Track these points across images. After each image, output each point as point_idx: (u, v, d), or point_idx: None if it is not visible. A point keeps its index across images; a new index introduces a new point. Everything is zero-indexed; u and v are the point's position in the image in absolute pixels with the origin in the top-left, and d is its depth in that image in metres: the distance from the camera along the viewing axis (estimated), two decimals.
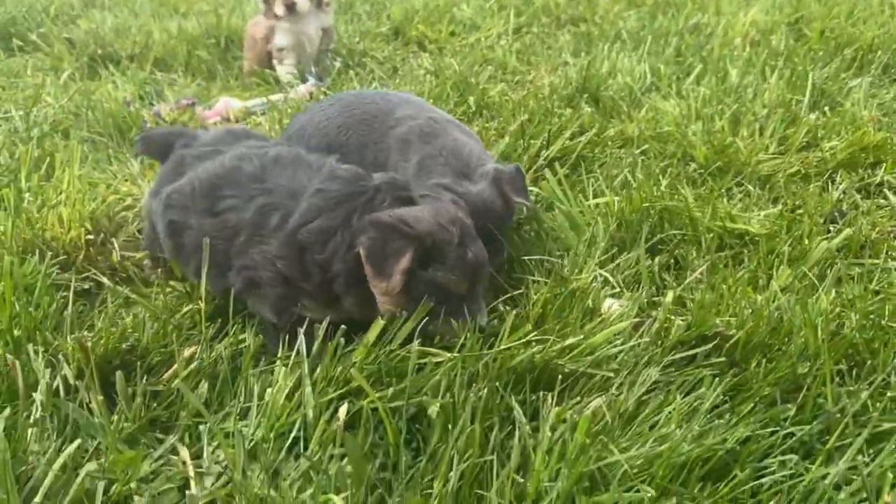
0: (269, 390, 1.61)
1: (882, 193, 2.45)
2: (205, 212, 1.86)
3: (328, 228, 1.71)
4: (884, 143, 2.58)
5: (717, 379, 1.61)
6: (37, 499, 1.45)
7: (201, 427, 1.65)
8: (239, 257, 1.82)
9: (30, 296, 2.06)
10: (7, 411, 1.61)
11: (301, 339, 1.72)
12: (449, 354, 1.58)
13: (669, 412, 1.52)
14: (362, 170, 1.86)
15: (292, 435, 1.61)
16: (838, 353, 1.64)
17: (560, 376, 1.61)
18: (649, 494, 1.32)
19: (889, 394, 1.50)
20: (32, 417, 1.65)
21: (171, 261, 2.07)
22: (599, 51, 3.90)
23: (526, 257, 2.14)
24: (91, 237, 2.48)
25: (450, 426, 1.46)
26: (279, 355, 1.76)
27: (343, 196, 1.75)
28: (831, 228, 2.19)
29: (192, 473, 1.55)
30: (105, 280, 2.29)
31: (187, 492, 1.46)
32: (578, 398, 1.56)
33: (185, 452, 1.63)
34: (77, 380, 1.73)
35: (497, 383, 1.55)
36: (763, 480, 1.41)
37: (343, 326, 1.69)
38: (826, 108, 3.12)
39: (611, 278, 2.00)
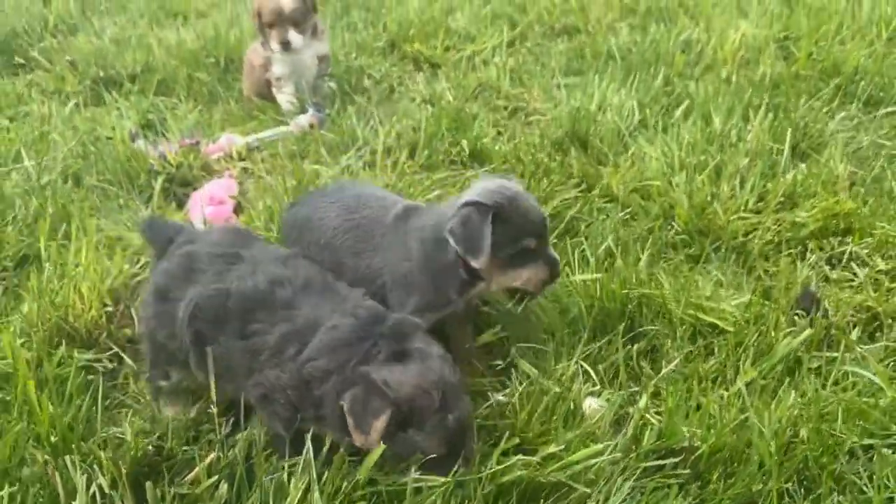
0: None
1: (850, 267, 2.61)
2: (236, 334, 1.97)
3: (328, 370, 1.83)
4: (854, 211, 2.73)
5: (683, 490, 1.81)
6: None
7: None
8: (258, 374, 1.95)
9: (62, 386, 2.25)
10: None
11: (308, 446, 1.91)
12: (443, 479, 1.77)
13: None
14: (382, 309, 1.98)
15: None
16: (790, 470, 1.84)
17: (543, 490, 1.81)
18: None
19: None
20: None
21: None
22: (590, 80, 4.00)
23: (517, 344, 2.32)
24: (110, 309, 2.67)
25: None
26: (287, 461, 1.96)
27: (349, 339, 1.85)
28: (798, 318, 2.36)
29: None
30: (128, 359, 2.49)
31: None
32: None
33: None
34: (111, 489, 1.93)
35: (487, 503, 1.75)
36: None
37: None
38: (806, 156, 3.27)
39: (591, 372, 2.18)
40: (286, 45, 3.86)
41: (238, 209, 3.34)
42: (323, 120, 3.93)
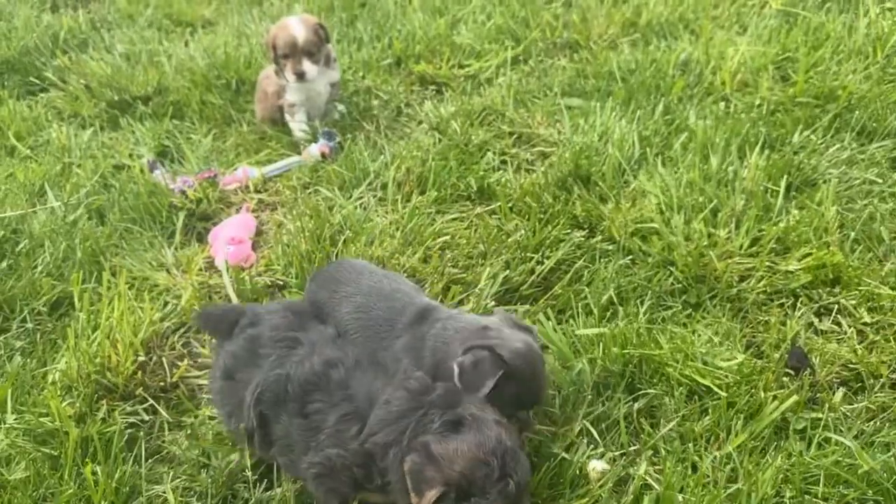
0: None
1: (837, 319, 2.79)
2: (296, 413, 2.14)
3: (388, 442, 1.98)
4: (843, 264, 2.89)
5: None
6: None
7: None
8: (315, 452, 2.08)
9: (106, 443, 2.45)
10: None
11: None
12: None
13: None
14: (429, 379, 2.11)
15: None
16: None
17: None
18: None
19: None
20: None
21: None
22: (592, 108, 4.13)
23: None
24: (143, 359, 2.85)
25: None
26: None
27: (402, 412, 2.00)
28: (786, 378, 2.54)
29: None
30: (162, 411, 2.67)
31: None
32: None
33: None
34: None
35: None
36: None
37: None
38: (800, 192, 3.42)
39: (594, 433, 2.37)
40: (301, 76, 3.99)
41: (256, 247, 3.50)
42: (335, 149, 4.07)
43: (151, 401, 2.71)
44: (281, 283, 3.19)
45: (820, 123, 3.86)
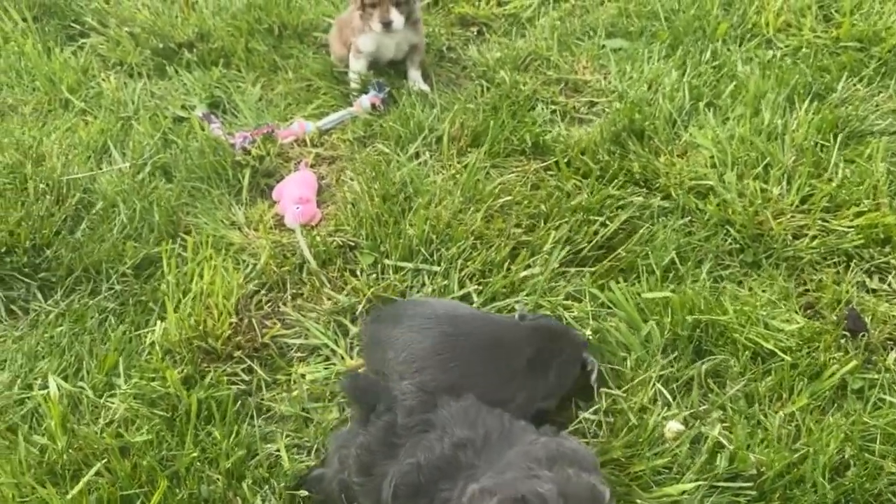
0: None
1: (887, 279, 2.96)
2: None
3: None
4: (894, 224, 3.05)
5: None
6: None
7: None
8: None
9: (218, 406, 2.67)
10: None
11: None
12: None
13: None
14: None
15: None
16: (838, 493, 2.28)
17: None
18: None
19: None
20: None
21: None
22: (639, 53, 4.18)
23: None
24: (234, 321, 3.04)
25: None
26: None
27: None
28: (844, 341, 2.74)
29: None
30: (259, 370, 2.88)
31: None
32: None
33: None
34: None
35: None
36: None
37: None
38: (847, 145, 3.54)
39: (666, 394, 2.59)
40: (388, 25, 4.00)
41: (319, 203, 3.64)
42: (385, 100, 4.15)
43: (248, 361, 2.92)
44: (352, 244, 3.34)
45: (866, 71, 3.93)
